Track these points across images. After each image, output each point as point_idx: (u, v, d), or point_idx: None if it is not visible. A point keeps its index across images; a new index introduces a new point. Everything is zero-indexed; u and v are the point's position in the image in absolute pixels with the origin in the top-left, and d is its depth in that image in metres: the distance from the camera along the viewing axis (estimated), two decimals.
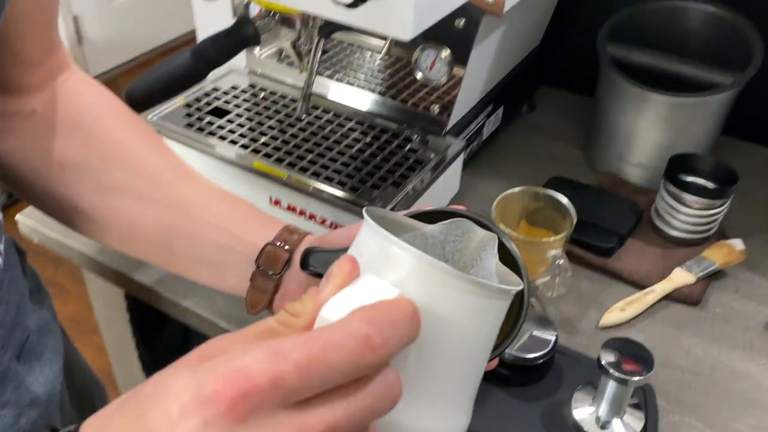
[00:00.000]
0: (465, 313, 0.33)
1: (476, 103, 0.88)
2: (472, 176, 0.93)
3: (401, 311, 0.29)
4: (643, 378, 0.58)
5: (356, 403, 0.27)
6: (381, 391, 0.27)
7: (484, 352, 0.35)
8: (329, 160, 0.79)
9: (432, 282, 0.32)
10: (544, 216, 0.78)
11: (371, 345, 0.26)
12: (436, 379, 0.32)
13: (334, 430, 0.26)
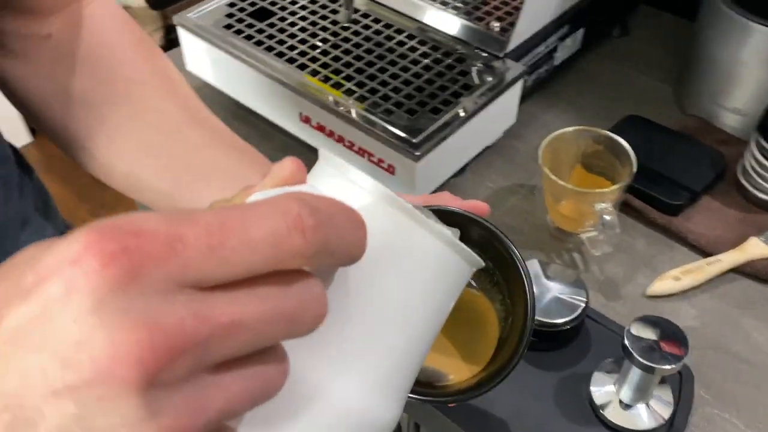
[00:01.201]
0: (418, 264, 0.27)
1: (547, 23, 0.77)
2: (538, 107, 0.83)
3: (346, 212, 0.23)
4: (673, 368, 0.50)
5: (271, 304, 0.20)
6: (303, 300, 0.21)
7: (429, 327, 0.29)
8: (367, 77, 0.72)
9: (387, 218, 0.27)
10: (604, 162, 0.68)
11: (301, 226, 0.20)
12: (372, 338, 0.27)
13: (238, 329, 0.19)
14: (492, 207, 0.71)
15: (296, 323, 0.21)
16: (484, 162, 0.77)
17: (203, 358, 0.19)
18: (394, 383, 0.28)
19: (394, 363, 0.27)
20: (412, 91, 0.70)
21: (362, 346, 0.26)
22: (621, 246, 0.69)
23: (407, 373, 0.28)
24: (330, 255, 0.21)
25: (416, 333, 0.28)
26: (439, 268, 0.28)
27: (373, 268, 0.26)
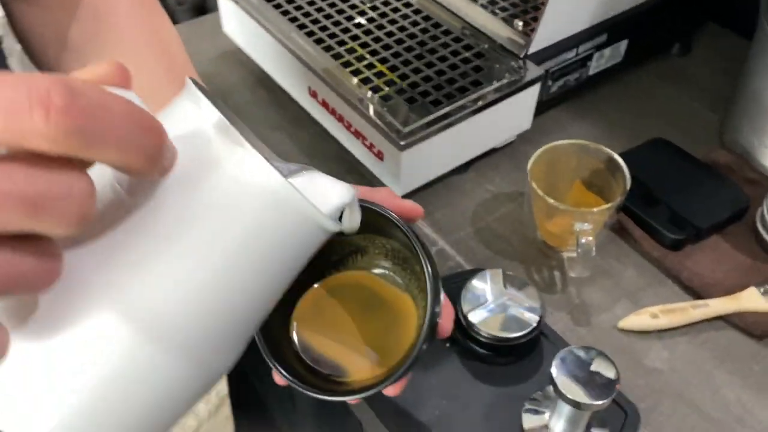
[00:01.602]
0: (243, 203, 0.25)
1: (580, 30, 0.73)
2: (565, 116, 0.79)
3: (132, 112, 0.21)
4: (599, 405, 0.47)
5: (10, 184, 0.19)
6: (57, 190, 0.20)
7: (244, 278, 0.26)
8: (379, 60, 0.71)
9: (216, 146, 0.25)
10: (602, 181, 0.65)
11: (46, 103, 0.19)
12: (165, 268, 0.24)
13: None
14: (484, 212, 0.69)
15: (42, 214, 0.20)
16: (491, 164, 0.74)
17: None
18: (182, 329, 0.25)
19: (184, 304, 0.25)
20: (419, 79, 0.68)
21: (153, 274, 0.24)
22: (608, 272, 0.65)
23: (203, 323, 0.26)
24: (89, 147, 0.20)
25: (224, 279, 0.26)
26: (269, 212, 0.26)
27: (192, 195, 0.25)
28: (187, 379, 0.26)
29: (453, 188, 0.72)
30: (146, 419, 0.26)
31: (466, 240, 0.67)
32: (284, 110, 0.81)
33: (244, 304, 0.27)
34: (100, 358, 0.24)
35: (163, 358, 0.25)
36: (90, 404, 0.24)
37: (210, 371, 0.27)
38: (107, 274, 0.24)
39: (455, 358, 0.58)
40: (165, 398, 0.26)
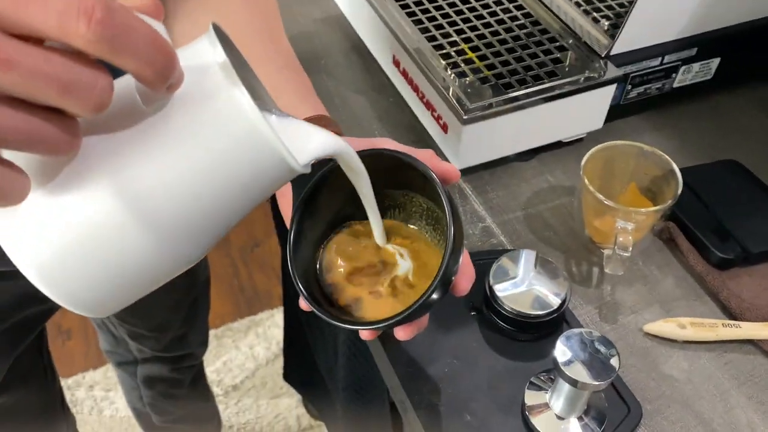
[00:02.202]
0: (227, 129, 0.31)
1: (669, 40, 0.73)
2: (641, 124, 0.80)
3: (151, 33, 0.27)
4: (596, 385, 0.49)
5: (51, 67, 0.25)
6: (85, 80, 0.26)
7: (216, 192, 0.32)
8: (464, 39, 0.74)
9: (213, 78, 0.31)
10: (656, 187, 0.65)
11: (89, 14, 0.24)
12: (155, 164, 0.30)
13: (10, 67, 0.24)
14: (538, 200, 0.71)
15: (70, 94, 0.26)
16: (555, 156, 0.76)
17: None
18: (162, 215, 0.31)
19: (166, 197, 0.31)
20: (497, 61, 0.71)
21: (147, 168, 0.30)
22: (646, 277, 0.65)
23: (178, 215, 0.31)
24: (118, 52, 0.26)
25: (201, 184, 0.31)
26: (246, 140, 0.31)
27: (189, 113, 0.31)
28: (154, 255, 0.32)
29: (513, 173, 0.74)
30: (113, 278, 0.32)
31: (513, 222, 0.70)
32: (370, 77, 0.85)
33: (212, 209, 0.33)
34: (93, 218, 0.30)
35: (141, 232, 0.31)
36: (74, 250, 0.30)
37: (174, 257, 0.33)
38: (114, 160, 0.30)
39: (476, 326, 0.61)
40: (133, 266, 0.32)
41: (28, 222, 0.30)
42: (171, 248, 0.32)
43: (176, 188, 0.31)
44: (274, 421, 1.54)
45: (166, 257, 0.32)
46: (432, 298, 0.42)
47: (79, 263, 0.31)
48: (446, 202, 0.42)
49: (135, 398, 1.16)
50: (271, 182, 0.34)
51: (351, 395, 0.88)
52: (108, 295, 0.33)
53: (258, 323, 1.71)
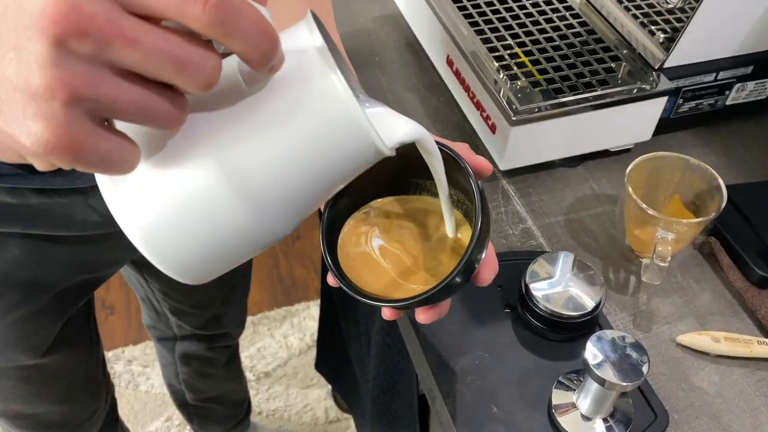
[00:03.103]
0: (321, 110, 0.33)
1: (725, 56, 0.73)
2: (691, 139, 0.80)
3: (259, 20, 0.29)
4: (624, 386, 0.49)
5: (168, 45, 0.27)
6: (198, 59, 0.28)
7: (310, 169, 0.34)
8: (518, 42, 0.75)
9: (312, 63, 0.33)
10: (700, 201, 0.65)
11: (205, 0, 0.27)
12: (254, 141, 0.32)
13: (134, 45, 0.26)
14: (581, 206, 0.72)
15: (184, 71, 0.28)
16: (602, 165, 0.76)
17: (104, 50, 0.26)
18: (258, 189, 0.33)
19: (262, 174, 0.33)
20: (549, 66, 0.72)
21: (246, 144, 0.32)
22: (684, 290, 0.65)
23: (273, 190, 0.34)
24: (229, 35, 0.28)
25: (295, 162, 0.33)
26: (340, 123, 0.33)
27: (289, 94, 0.33)
28: (249, 227, 0.34)
29: (558, 178, 0.75)
30: (209, 247, 0.34)
31: (554, 226, 0.70)
32: (423, 75, 0.87)
33: (305, 186, 0.35)
34: (195, 190, 0.33)
35: (239, 205, 0.33)
36: (176, 219, 0.33)
37: (266, 229, 0.35)
38: (216, 136, 0.33)
39: (509, 323, 0.62)
40: (229, 237, 0.34)
41: (136, 190, 0.32)
42: (264, 221, 0.34)
43: (272, 165, 0.33)
44: (303, 411, 1.56)
45: (260, 230, 0.34)
46: (454, 281, 0.42)
47: (179, 231, 0.33)
48: (476, 191, 0.43)
49: (171, 374, 1.19)
50: (360, 162, 0.36)
51: (381, 386, 0.90)
52: (203, 262, 0.35)
53: (294, 314, 1.74)
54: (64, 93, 0.26)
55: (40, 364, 0.77)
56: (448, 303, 0.48)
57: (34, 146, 0.27)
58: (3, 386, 0.79)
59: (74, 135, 0.27)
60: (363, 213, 0.51)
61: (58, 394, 0.85)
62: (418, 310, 0.46)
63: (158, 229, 0.33)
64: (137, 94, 0.28)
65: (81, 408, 0.91)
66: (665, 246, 0.60)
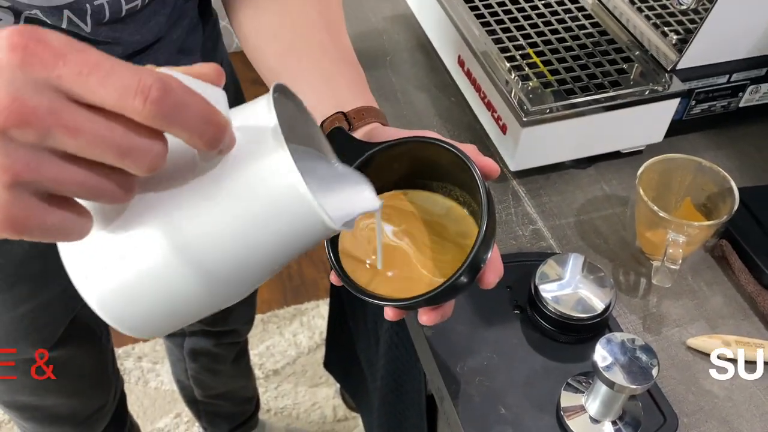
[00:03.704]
0: (271, 192, 0.33)
1: (739, 58, 0.72)
2: (703, 141, 0.79)
3: (204, 109, 0.30)
4: (633, 389, 0.49)
5: (111, 133, 0.28)
6: (141, 146, 0.29)
7: (258, 248, 0.35)
8: (530, 43, 0.75)
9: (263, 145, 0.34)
10: (712, 204, 0.65)
11: (146, 93, 0.28)
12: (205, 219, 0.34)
13: (76, 134, 0.28)
14: (591, 208, 0.72)
15: (127, 158, 0.29)
16: (613, 166, 0.76)
17: (46, 138, 0.27)
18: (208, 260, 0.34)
19: (213, 247, 0.34)
20: (561, 67, 0.72)
21: (197, 217, 0.33)
22: (695, 293, 0.65)
23: (222, 261, 0.35)
24: (171, 127, 0.29)
25: (245, 236, 0.34)
26: (289, 202, 0.34)
27: (240, 173, 0.34)
28: (199, 295, 0.35)
29: (568, 179, 0.75)
30: (162, 311, 0.36)
31: (564, 227, 0.70)
32: (434, 75, 0.87)
33: (255, 259, 0.36)
34: (147, 258, 0.34)
35: (190, 276, 0.34)
36: (129, 287, 0.34)
37: (216, 297, 0.36)
38: (168, 209, 0.33)
39: (518, 324, 0.62)
40: (180, 303, 0.36)
41: (91, 258, 0.34)
42: (216, 290, 0.36)
43: (223, 239, 0.34)
44: (311, 409, 1.56)
45: (212, 298, 0.36)
46: (458, 282, 0.42)
47: (133, 299, 0.34)
48: (483, 193, 0.43)
49: (180, 370, 1.20)
50: (310, 239, 0.36)
51: (389, 385, 0.90)
52: (156, 324, 0.37)
53: (303, 312, 1.74)
54: (6, 177, 0.27)
55: (49, 357, 0.78)
56: (452, 305, 0.47)
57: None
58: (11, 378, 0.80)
59: (17, 213, 0.28)
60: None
61: (66, 387, 0.86)
62: (422, 311, 0.46)
63: (112, 296, 0.34)
64: (82, 176, 0.29)
65: (89, 402, 0.92)
66: (676, 249, 0.60)
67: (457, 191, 0.50)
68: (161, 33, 0.61)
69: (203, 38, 0.69)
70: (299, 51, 0.57)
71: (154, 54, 0.61)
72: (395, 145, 0.47)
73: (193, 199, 0.33)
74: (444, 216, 0.50)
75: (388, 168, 0.48)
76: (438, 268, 0.47)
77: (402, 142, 0.46)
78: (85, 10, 0.52)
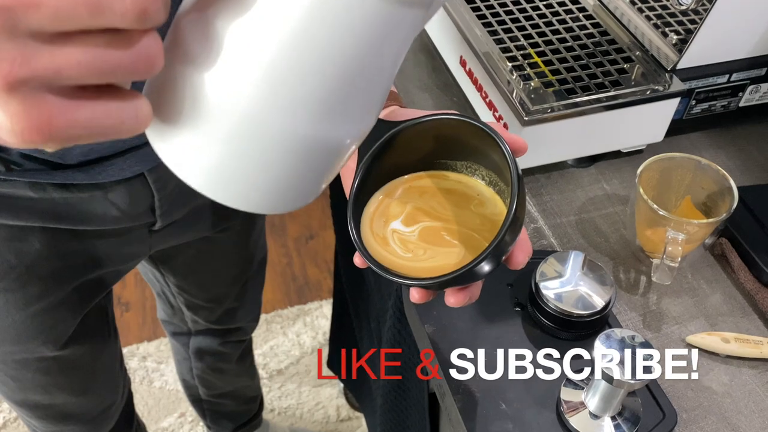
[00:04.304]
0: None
1: (739, 58, 0.73)
2: (704, 141, 0.80)
3: None
4: (632, 384, 0.50)
5: (99, 53, 0.25)
6: (135, 55, 0.26)
7: (352, 53, 0.30)
8: (531, 43, 0.75)
9: None
10: (712, 202, 0.65)
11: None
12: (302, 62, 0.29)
13: (63, 72, 0.25)
14: (592, 206, 0.72)
15: (123, 71, 0.26)
16: (614, 166, 0.77)
17: (15, 20, 0.23)
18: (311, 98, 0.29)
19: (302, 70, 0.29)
20: (562, 67, 0.72)
21: (275, 51, 0.28)
22: (695, 290, 0.66)
23: (327, 90, 0.30)
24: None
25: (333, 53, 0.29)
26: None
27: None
28: (305, 138, 0.31)
29: (570, 179, 0.76)
30: (271, 172, 0.32)
31: (565, 226, 0.71)
32: (436, 75, 0.87)
33: (358, 69, 0.30)
34: (241, 120, 0.29)
35: (282, 116, 0.30)
36: (229, 156, 0.30)
37: (325, 135, 0.31)
38: (242, 48, 0.29)
39: (519, 321, 0.62)
40: (293, 156, 0.31)
41: (184, 141, 0.30)
42: (319, 126, 0.30)
43: (307, 57, 0.29)
44: (315, 409, 1.57)
45: (317, 138, 0.31)
46: (485, 261, 0.40)
47: (236, 165, 0.31)
48: (514, 170, 0.40)
49: (185, 369, 1.21)
50: (402, 33, 0.31)
51: (391, 383, 0.91)
52: (271, 189, 0.32)
53: (307, 312, 1.75)
54: (1, 83, 0.24)
55: (59, 356, 0.79)
56: (479, 287, 0.45)
57: (10, 139, 0.26)
58: (23, 377, 0.80)
59: (36, 116, 0.25)
60: (391, 189, 0.48)
61: (76, 385, 0.87)
62: (448, 292, 0.44)
63: (216, 174, 0.31)
64: (79, 54, 0.25)
65: (99, 400, 0.92)
66: (675, 246, 0.60)
67: (482, 170, 0.48)
68: None
69: None
70: None
71: None
72: (421, 122, 0.45)
73: (264, 28, 0.28)
74: (470, 196, 0.48)
75: (412, 147, 0.46)
76: (466, 248, 0.45)
77: (428, 120, 0.44)
78: None
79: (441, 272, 0.42)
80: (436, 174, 0.49)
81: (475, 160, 0.47)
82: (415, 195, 0.48)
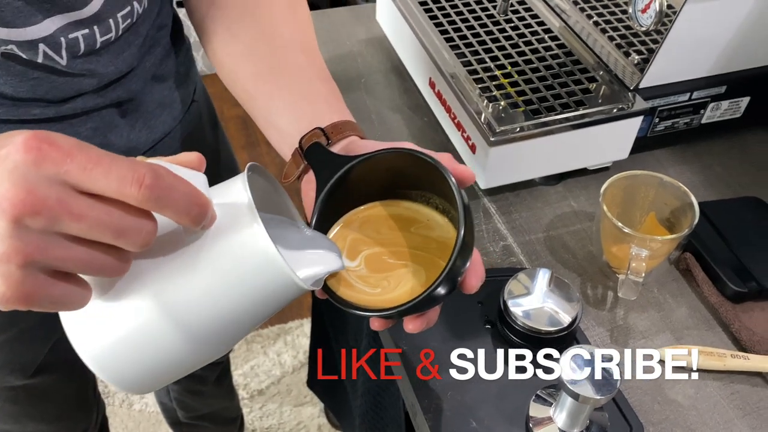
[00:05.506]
0: (246, 258, 0.39)
1: (699, 77, 0.75)
2: (668, 158, 0.82)
3: (188, 192, 0.36)
4: (597, 399, 0.51)
5: (109, 217, 0.33)
6: (132, 226, 0.34)
7: (239, 309, 0.40)
8: (497, 65, 0.77)
9: (240, 218, 0.39)
10: (675, 218, 0.67)
11: (140, 181, 0.33)
12: (186, 282, 0.38)
13: (80, 219, 0.32)
14: (560, 223, 0.74)
15: (122, 237, 0.34)
16: (580, 183, 0.78)
17: (54, 224, 0.32)
18: (198, 327, 0.39)
19: (197, 311, 0.39)
20: (527, 88, 0.74)
21: (183, 286, 0.38)
22: (660, 305, 0.67)
23: (206, 322, 0.39)
24: (162, 208, 0.34)
25: (225, 300, 0.39)
26: (263, 268, 0.39)
27: (220, 244, 0.39)
28: (186, 354, 0.40)
29: (538, 196, 0.77)
30: (152, 369, 0.40)
31: (534, 243, 0.72)
32: (407, 97, 0.89)
33: (236, 320, 0.40)
34: (138, 321, 0.38)
35: (177, 338, 0.39)
36: (123, 347, 0.39)
37: (201, 355, 0.40)
38: (157, 278, 0.38)
39: (489, 338, 0.63)
40: (170, 360, 0.40)
41: (89, 322, 0.38)
42: (199, 348, 0.40)
43: (205, 303, 0.39)
44: (296, 429, 1.56)
45: (196, 355, 0.40)
46: (438, 289, 0.43)
47: (126, 358, 0.39)
48: (459, 200, 0.43)
49: (163, 392, 1.20)
50: (284, 298, 0.41)
51: (368, 402, 0.91)
52: (148, 380, 0.41)
53: (287, 331, 1.75)
54: (20, 258, 0.32)
55: (28, 385, 0.78)
56: (437, 311, 0.47)
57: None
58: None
59: (28, 288, 0.33)
60: (348, 221, 0.51)
61: (47, 413, 0.86)
62: (406, 319, 0.46)
63: (107, 356, 0.39)
64: (84, 254, 0.34)
65: (71, 426, 0.92)
66: (639, 262, 0.62)
67: (436, 199, 0.50)
68: (135, 62, 0.62)
69: (176, 65, 0.71)
70: (276, 71, 0.59)
71: (128, 83, 0.63)
72: (372, 157, 0.48)
73: (179, 268, 0.38)
74: (424, 225, 0.50)
75: (367, 180, 0.49)
76: (420, 276, 0.48)
77: (379, 154, 0.47)
78: (60, 43, 0.54)
79: (397, 301, 0.45)
80: (389, 203, 0.51)
81: (428, 190, 0.50)
82: (371, 226, 0.50)
